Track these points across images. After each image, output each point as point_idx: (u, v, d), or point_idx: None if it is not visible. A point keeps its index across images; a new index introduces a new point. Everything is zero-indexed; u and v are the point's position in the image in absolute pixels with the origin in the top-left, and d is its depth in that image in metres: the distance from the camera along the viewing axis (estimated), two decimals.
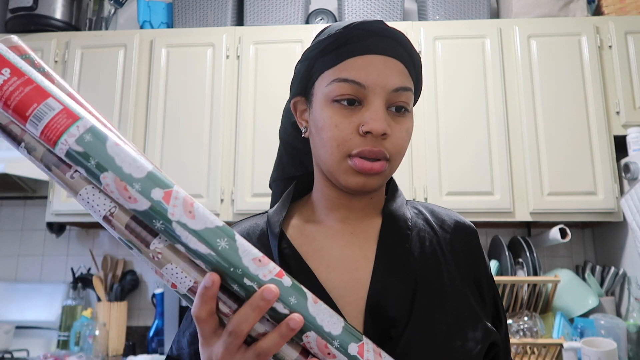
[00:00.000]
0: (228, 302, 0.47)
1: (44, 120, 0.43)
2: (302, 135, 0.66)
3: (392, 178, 0.71)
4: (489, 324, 0.61)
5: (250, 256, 0.46)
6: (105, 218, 0.45)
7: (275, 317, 0.46)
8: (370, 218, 0.66)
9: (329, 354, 0.46)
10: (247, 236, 0.66)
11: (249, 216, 0.72)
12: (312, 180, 0.69)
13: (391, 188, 0.69)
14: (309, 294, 0.48)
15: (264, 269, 0.46)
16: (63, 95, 0.45)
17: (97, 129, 0.44)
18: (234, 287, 0.46)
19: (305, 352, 0.48)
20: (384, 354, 0.50)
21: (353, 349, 0.47)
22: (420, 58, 0.65)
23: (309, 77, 0.64)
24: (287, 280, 0.47)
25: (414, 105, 0.67)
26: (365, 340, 0.49)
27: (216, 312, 0.47)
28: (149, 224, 0.45)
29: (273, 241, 0.62)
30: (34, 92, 0.43)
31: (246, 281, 0.45)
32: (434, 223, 0.67)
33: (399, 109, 0.60)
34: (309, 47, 0.65)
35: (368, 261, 0.61)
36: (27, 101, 0.42)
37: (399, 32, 0.62)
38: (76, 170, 0.45)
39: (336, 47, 0.61)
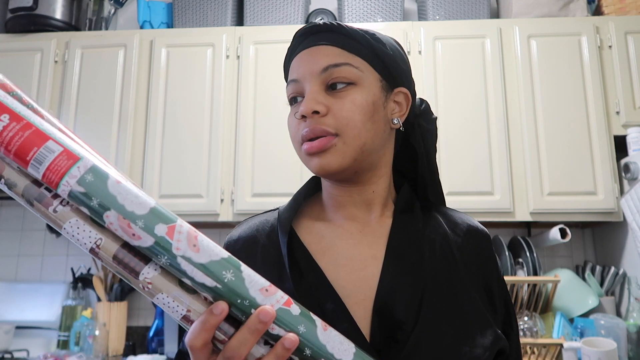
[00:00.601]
0: (224, 328, 0.46)
1: (45, 163, 0.43)
2: None
3: (405, 182, 0.70)
4: (499, 331, 0.60)
5: (258, 286, 0.46)
6: (92, 250, 0.45)
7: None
8: (379, 217, 0.65)
9: None
10: (257, 232, 0.66)
11: (258, 213, 0.72)
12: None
13: (403, 189, 0.69)
14: (319, 322, 0.48)
15: (272, 299, 0.46)
16: (62, 137, 0.45)
17: (98, 168, 0.45)
18: (242, 318, 0.46)
19: None
20: None
21: None
22: (373, 36, 0.64)
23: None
24: (295, 308, 0.47)
25: (404, 85, 0.66)
26: None
27: (211, 341, 0.46)
28: (154, 259, 0.45)
29: (283, 238, 0.62)
30: (33, 136, 0.43)
31: (254, 312, 0.45)
32: (446, 226, 0.66)
33: (335, 86, 0.61)
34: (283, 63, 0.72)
35: (377, 261, 0.61)
36: (27, 145, 0.43)
37: (333, 23, 0.65)
38: (60, 203, 0.45)
39: (287, 57, 0.69)
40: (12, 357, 2.00)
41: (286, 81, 0.68)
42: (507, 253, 1.93)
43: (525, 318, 1.77)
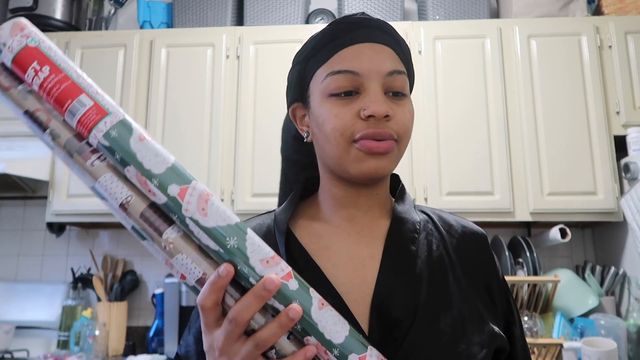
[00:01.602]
0: (235, 295, 0.47)
1: (77, 116, 0.47)
2: (305, 141, 0.66)
3: (400, 181, 0.71)
4: (497, 329, 0.60)
5: (259, 256, 0.47)
6: (121, 205, 0.47)
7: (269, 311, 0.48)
8: (377, 219, 0.66)
9: (325, 351, 0.47)
10: None
11: (254, 215, 0.72)
12: (318, 181, 0.70)
13: (400, 190, 0.69)
14: (316, 299, 0.48)
15: (270, 270, 0.47)
16: (97, 91, 0.48)
17: (124, 123, 0.47)
18: (241, 283, 0.47)
19: None
20: None
21: (353, 359, 0.47)
22: (408, 46, 0.66)
23: (303, 80, 0.65)
24: (293, 283, 0.47)
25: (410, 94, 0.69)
26: (370, 350, 0.49)
27: (221, 304, 0.48)
28: (169, 215, 0.47)
29: (280, 238, 0.63)
30: (69, 89, 0.47)
31: (252, 281, 0.46)
32: (441, 227, 0.67)
33: (397, 94, 0.61)
34: (298, 52, 0.66)
35: (374, 261, 0.61)
36: (64, 97, 0.46)
37: (383, 21, 0.63)
38: (98, 158, 0.48)
39: (325, 44, 0.62)
40: (12, 357, 2.00)
41: (300, 63, 0.65)
42: (507, 253, 1.93)
43: (525, 318, 1.77)
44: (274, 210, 0.70)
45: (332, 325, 0.48)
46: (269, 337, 0.46)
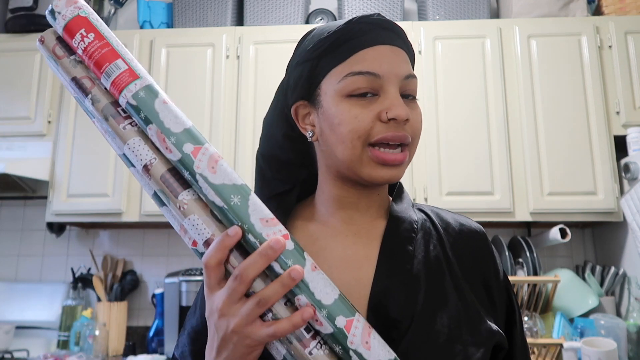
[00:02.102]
0: (238, 258, 0.50)
1: (112, 77, 0.52)
2: (309, 140, 0.65)
3: (397, 184, 0.71)
4: (495, 326, 0.60)
5: (259, 215, 0.50)
6: (145, 167, 0.52)
7: (269, 276, 0.50)
8: (374, 219, 0.66)
9: (316, 320, 0.49)
10: None
11: None
12: (314, 183, 0.69)
13: (397, 189, 0.69)
14: (309, 262, 0.50)
15: (269, 229, 0.50)
16: (132, 58, 0.55)
17: (152, 88, 0.53)
18: (241, 242, 0.50)
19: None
20: (374, 333, 0.50)
21: (341, 321, 0.49)
22: (414, 51, 0.68)
23: (313, 79, 0.63)
24: (290, 244, 0.50)
25: None
26: (358, 317, 0.50)
27: (224, 265, 0.50)
28: (181, 173, 0.52)
29: None
30: (108, 54, 0.53)
31: (250, 237, 0.49)
32: (439, 226, 0.66)
33: (409, 96, 0.62)
34: (309, 48, 0.64)
35: (370, 262, 0.61)
36: (103, 60, 0.53)
37: (396, 24, 0.64)
38: (129, 123, 0.53)
39: (341, 43, 0.61)
40: (12, 357, 2.00)
41: (311, 60, 0.63)
42: (507, 253, 1.93)
43: (525, 318, 1.77)
44: None
45: (322, 286, 0.49)
46: (271, 295, 0.48)
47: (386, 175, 0.59)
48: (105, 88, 0.54)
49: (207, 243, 0.51)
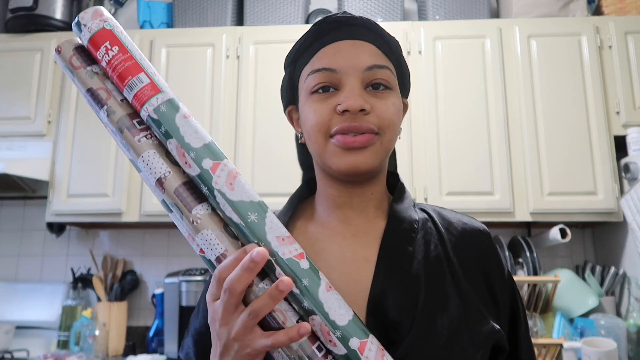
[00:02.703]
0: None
1: (134, 90, 0.53)
2: (300, 142, 0.68)
3: (399, 180, 0.71)
4: (496, 325, 0.59)
5: (276, 233, 0.50)
6: (158, 180, 0.52)
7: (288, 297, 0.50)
8: (372, 219, 0.65)
9: (330, 341, 0.49)
10: None
11: None
12: (315, 182, 0.70)
13: (398, 189, 0.69)
14: (324, 282, 0.50)
15: (285, 248, 0.50)
16: (154, 72, 0.55)
17: (173, 102, 0.53)
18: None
19: (314, 335, 0.50)
20: (387, 356, 0.50)
21: (354, 343, 0.49)
22: (399, 44, 0.66)
23: (293, 82, 0.67)
24: (305, 263, 0.50)
25: (406, 96, 0.69)
26: (372, 339, 0.50)
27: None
28: (199, 187, 0.52)
29: None
30: (132, 67, 0.53)
31: (270, 257, 0.50)
32: (440, 226, 0.66)
33: (377, 86, 0.61)
34: (288, 55, 0.68)
35: (369, 263, 0.61)
36: (126, 73, 0.53)
37: (368, 19, 0.64)
38: (144, 136, 0.53)
39: (308, 45, 0.64)
40: (12, 357, 2.00)
41: (290, 65, 0.67)
42: (507, 253, 1.93)
43: None
44: (274, 212, 0.70)
45: (337, 307, 0.49)
46: (261, 307, 0.48)
47: (350, 161, 0.58)
48: (122, 100, 0.55)
49: (219, 259, 0.51)
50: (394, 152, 0.74)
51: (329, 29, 0.63)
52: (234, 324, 0.49)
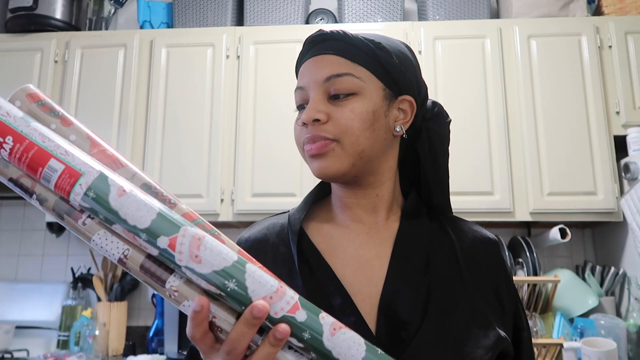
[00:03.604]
0: (228, 319, 0.47)
1: (52, 182, 0.45)
2: None
3: (412, 188, 0.71)
4: (502, 333, 0.61)
5: (262, 294, 0.46)
6: (120, 261, 0.47)
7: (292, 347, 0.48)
8: (385, 220, 0.67)
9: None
10: (267, 231, 0.69)
11: (269, 216, 0.75)
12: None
13: (410, 196, 0.70)
14: (327, 325, 0.47)
15: (276, 306, 0.46)
16: (67, 150, 0.46)
17: (100, 181, 0.45)
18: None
19: None
20: None
21: None
22: (377, 44, 0.65)
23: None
24: (301, 314, 0.47)
25: (408, 92, 0.67)
26: None
27: (212, 330, 0.48)
28: (167, 264, 0.46)
29: (293, 237, 0.65)
30: (37, 156, 0.45)
31: (248, 308, 0.47)
32: (452, 232, 0.68)
33: (336, 97, 0.63)
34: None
35: (382, 262, 0.63)
36: (34, 165, 0.45)
37: (339, 31, 0.66)
38: (89, 216, 0.47)
39: (297, 65, 0.71)
40: (12, 357, 2.00)
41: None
42: (507, 253, 1.93)
43: None
44: (289, 210, 0.72)
45: (346, 349, 0.47)
46: (263, 358, 0.46)
47: (315, 167, 0.63)
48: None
49: (211, 325, 0.47)
50: (428, 183, 0.71)
51: (308, 49, 0.68)
52: None
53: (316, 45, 0.67)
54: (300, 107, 0.66)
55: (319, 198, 0.73)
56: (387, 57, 0.65)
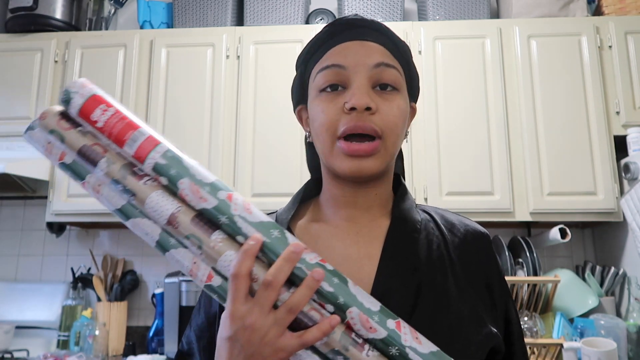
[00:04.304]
0: (260, 272, 0.52)
1: (139, 141, 0.56)
2: (307, 141, 0.68)
3: (402, 181, 0.71)
4: (494, 329, 0.61)
5: (298, 244, 0.53)
6: (171, 215, 0.54)
7: (321, 297, 0.52)
8: (377, 218, 0.66)
9: (370, 327, 0.51)
10: None
11: None
12: (320, 183, 0.70)
13: (401, 190, 0.69)
14: (349, 279, 0.53)
15: (310, 255, 0.53)
16: (148, 127, 0.59)
17: (173, 150, 0.57)
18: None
19: (349, 328, 0.52)
20: (417, 332, 0.53)
21: (391, 324, 0.52)
22: (408, 48, 0.67)
23: (304, 82, 0.68)
24: (329, 265, 0.53)
25: (415, 100, 0.70)
26: (400, 319, 0.53)
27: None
28: (215, 220, 0.54)
29: None
30: (131, 123, 0.57)
31: (297, 264, 0.52)
32: (443, 227, 0.66)
33: (385, 87, 0.61)
34: (299, 55, 0.69)
35: (372, 261, 0.62)
36: (128, 128, 0.57)
37: (379, 22, 0.65)
38: (147, 180, 0.56)
39: (320, 45, 0.65)
40: (12, 357, 2.00)
41: (301, 65, 0.68)
42: (507, 253, 1.93)
43: (525, 318, 1.77)
44: (276, 211, 0.71)
45: (367, 297, 0.53)
46: (300, 300, 0.49)
47: (353, 167, 0.59)
48: (117, 153, 0.58)
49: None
50: (401, 156, 0.74)
51: (340, 30, 0.64)
52: (268, 326, 0.49)
53: (356, 29, 0.64)
54: (334, 87, 0.61)
55: (307, 197, 0.71)
56: (414, 63, 0.67)
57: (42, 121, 0.59)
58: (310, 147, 0.71)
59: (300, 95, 0.69)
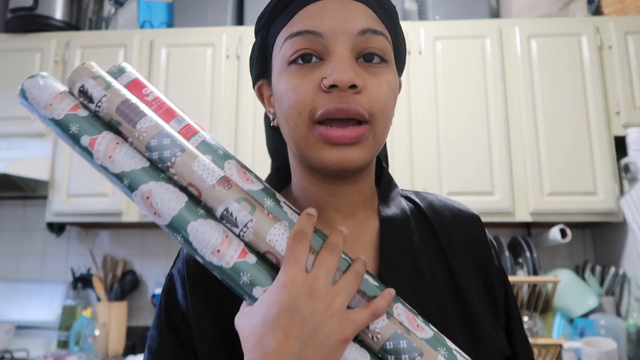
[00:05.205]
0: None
1: (183, 123, 0.55)
2: (272, 124, 0.56)
3: (383, 168, 0.61)
4: (494, 332, 0.56)
5: None
6: (223, 178, 0.49)
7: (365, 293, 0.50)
8: (362, 222, 0.56)
9: (417, 326, 0.48)
10: None
11: None
12: (288, 171, 0.59)
13: (384, 181, 0.59)
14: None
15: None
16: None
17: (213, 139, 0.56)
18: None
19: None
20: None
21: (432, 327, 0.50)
22: (394, 8, 0.54)
23: (265, 51, 0.55)
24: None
25: (401, 73, 0.58)
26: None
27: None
28: (261, 202, 0.50)
29: None
30: (173, 108, 0.58)
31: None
32: (431, 218, 0.59)
33: (371, 57, 0.49)
34: (259, 16, 0.57)
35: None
36: (172, 110, 0.57)
37: None
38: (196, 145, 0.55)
39: (287, 3, 0.52)
40: (12, 357, 2.00)
41: (262, 29, 0.56)
42: (507, 253, 1.93)
43: (526, 318, 1.77)
44: None
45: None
46: (361, 268, 0.46)
47: (335, 158, 0.47)
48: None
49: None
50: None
51: None
52: (335, 291, 0.43)
53: None
54: (306, 57, 0.48)
55: (277, 189, 0.58)
56: (402, 31, 0.55)
57: (83, 66, 0.59)
58: (274, 130, 0.58)
59: (261, 67, 0.56)
